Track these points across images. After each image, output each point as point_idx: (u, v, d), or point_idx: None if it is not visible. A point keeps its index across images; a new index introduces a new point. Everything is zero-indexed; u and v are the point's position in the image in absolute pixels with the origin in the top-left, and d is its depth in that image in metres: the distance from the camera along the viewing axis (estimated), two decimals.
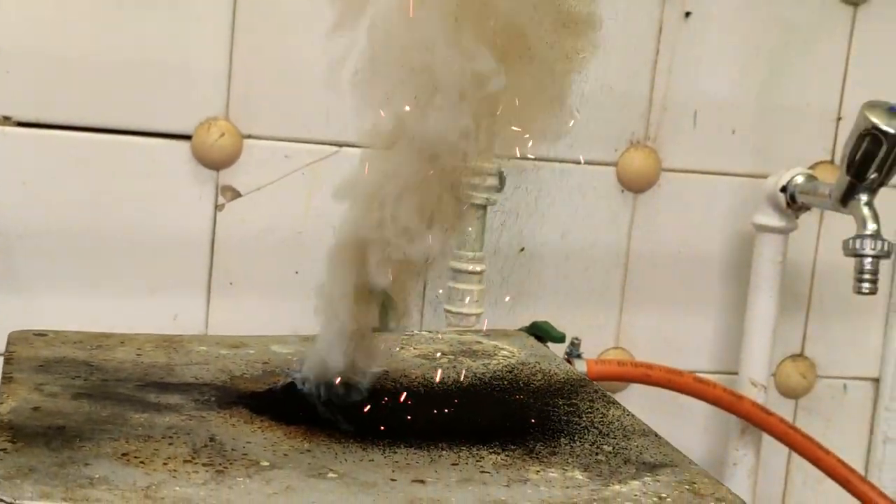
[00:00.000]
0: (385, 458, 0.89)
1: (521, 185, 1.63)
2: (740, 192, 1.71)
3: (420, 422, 0.98)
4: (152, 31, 1.48)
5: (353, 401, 0.99)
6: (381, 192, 0.96)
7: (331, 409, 0.97)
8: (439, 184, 0.96)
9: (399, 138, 0.96)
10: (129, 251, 1.52)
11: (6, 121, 1.46)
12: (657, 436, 0.99)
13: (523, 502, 0.83)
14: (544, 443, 0.95)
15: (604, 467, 0.91)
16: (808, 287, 1.78)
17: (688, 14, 1.66)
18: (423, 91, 0.93)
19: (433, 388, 1.07)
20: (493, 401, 1.06)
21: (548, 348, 1.27)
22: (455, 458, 0.91)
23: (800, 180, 1.61)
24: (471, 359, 1.17)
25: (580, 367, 1.51)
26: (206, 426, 0.92)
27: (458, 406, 1.03)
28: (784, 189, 1.62)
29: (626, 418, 1.02)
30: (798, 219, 1.65)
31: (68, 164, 1.48)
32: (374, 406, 0.99)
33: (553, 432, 0.98)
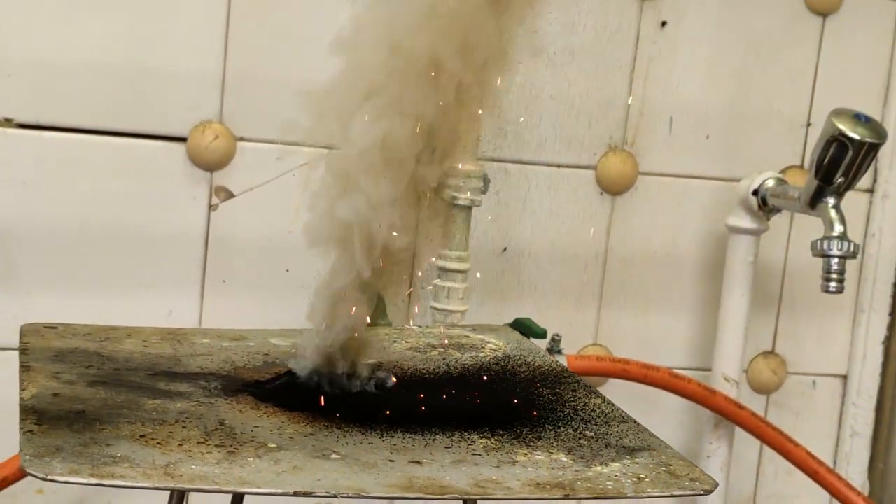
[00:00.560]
0: (383, 441, 0.95)
1: (504, 187, 1.68)
2: (714, 195, 1.75)
3: (415, 409, 1.03)
4: (149, 36, 1.52)
5: (350, 390, 1.05)
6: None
7: (331, 398, 1.02)
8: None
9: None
10: (126, 250, 1.55)
11: (7, 122, 1.50)
12: (636, 422, 1.04)
13: (513, 481, 0.89)
14: (531, 428, 1.01)
15: (586, 450, 0.97)
16: (779, 286, 1.82)
17: (664, 24, 1.70)
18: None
19: (426, 378, 1.13)
20: (483, 390, 1.11)
21: (532, 342, 1.32)
22: (448, 441, 0.96)
23: (771, 184, 1.66)
24: (460, 352, 1.22)
25: (561, 363, 1.56)
26: (216, 412, 0.97)
27: (449, 394, 1.09)
28: (756, 192, 1.66)
29: (606, 406, 1.08)
30: (769, 220, 1.70)
31: (67, 165, 1.52)
32: (371, 394, 1.05)
33: (539, 419, 1.04)
